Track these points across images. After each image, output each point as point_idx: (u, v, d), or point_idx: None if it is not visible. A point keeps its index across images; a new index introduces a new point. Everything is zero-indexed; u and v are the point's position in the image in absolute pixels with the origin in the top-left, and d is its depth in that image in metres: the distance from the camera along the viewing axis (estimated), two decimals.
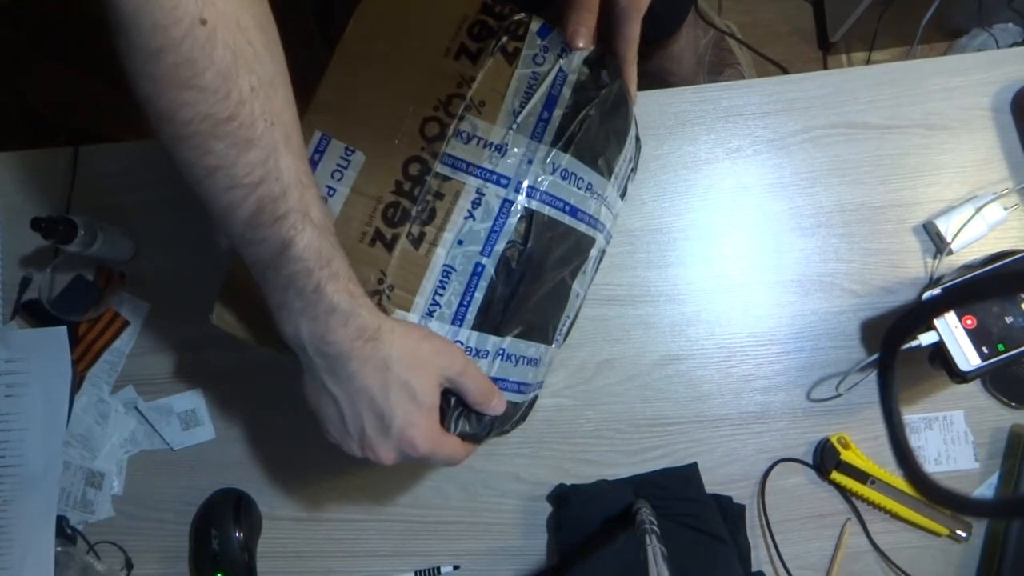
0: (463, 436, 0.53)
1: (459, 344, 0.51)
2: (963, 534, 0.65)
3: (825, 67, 1.43)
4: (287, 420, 0.70)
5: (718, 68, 1.28)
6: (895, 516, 0.65)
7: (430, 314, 0.51)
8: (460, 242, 0.51)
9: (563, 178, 0.52)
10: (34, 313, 0.73)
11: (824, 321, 0.69)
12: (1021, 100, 0.69)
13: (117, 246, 0.70)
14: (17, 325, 0.73)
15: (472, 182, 0.51)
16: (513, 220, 0.51)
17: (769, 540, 0.66)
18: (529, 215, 0.51)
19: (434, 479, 0.69)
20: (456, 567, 0.68)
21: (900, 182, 0.69)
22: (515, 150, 0.51)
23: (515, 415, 0.57)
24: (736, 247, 0.70)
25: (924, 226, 0.69)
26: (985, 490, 0.67)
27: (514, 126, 0.52)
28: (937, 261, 0.68)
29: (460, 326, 0.51)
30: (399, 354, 0.47)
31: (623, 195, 0.63)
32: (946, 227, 0.67)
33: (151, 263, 0.73)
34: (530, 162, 0.51)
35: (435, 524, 0.69)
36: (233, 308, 0.53)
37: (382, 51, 0.54)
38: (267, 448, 0.71)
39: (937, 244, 0.68)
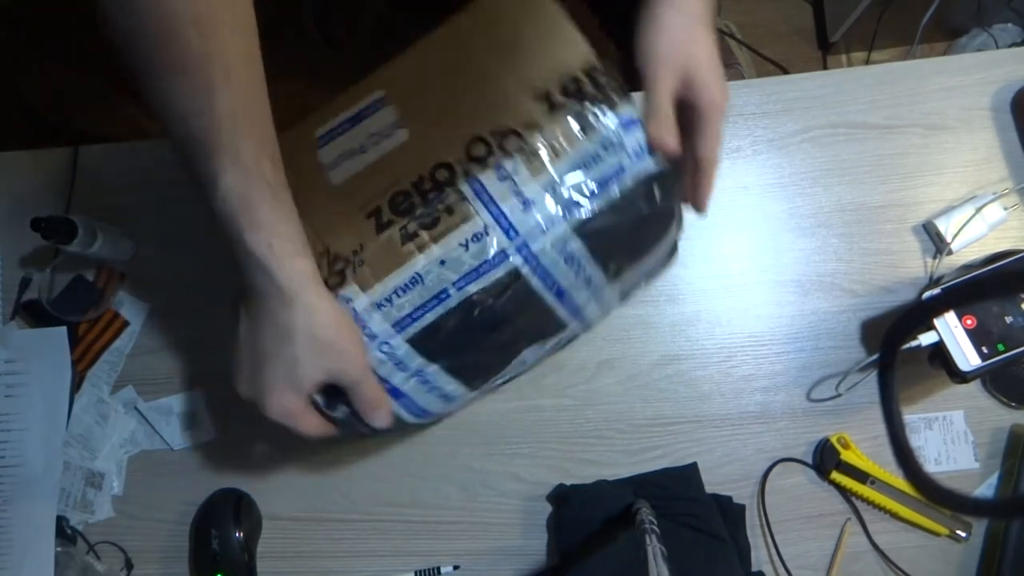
0: (335, 418, 0.52)
1: (387, 346, 0.51)
2: (963, 534, 0.65)
3: (825, 67, 1.43)
4: None
5: None
6: (895, 516, 0.65)
7: (379, 306, 0.50)
8: (442, 262, 0.49)
9: (566, 262, 0.51)
10: (34, 313, 0.73)
11: (824, 321, 0.69)
12: (1021, 100, 0.69)
13: (117, 246, 0.70)
14: (17, 325, 0.73)
15: (484, 217, 0.50)
16: (499, 272, 0.50)
17: (769, 540, 0.66)
18: (516, 277, 0.50)
19: (434, 479, 0.69)
20: (456, 567, 0.68)
21: (900, 182, 0.69)
22: (537, 214, 0.49)
23: (396, 430, 0.56)
24: (736, 247, 0.70)
25: (924, 226, 0.69)
26: (985, 490, 0.67)
27: (550, 191, 0.49)
28: (937, 261, 0.68)
29: (399, 333, 0.50)
30: (304, 334, 0.47)
31: (625, 298, 0.61)
32: (946, 227, 0.67)
33: (151, 263, 0.73)
34: (544, 232, 0.50)
35: (435, 524, 0.69)
36: None
37: (478, 53, 0.52)
38: (267, 448, 0.71)
39: (937, 244, 0.68)
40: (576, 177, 0.49)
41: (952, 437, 0.67)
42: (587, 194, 0.50)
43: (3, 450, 0.70)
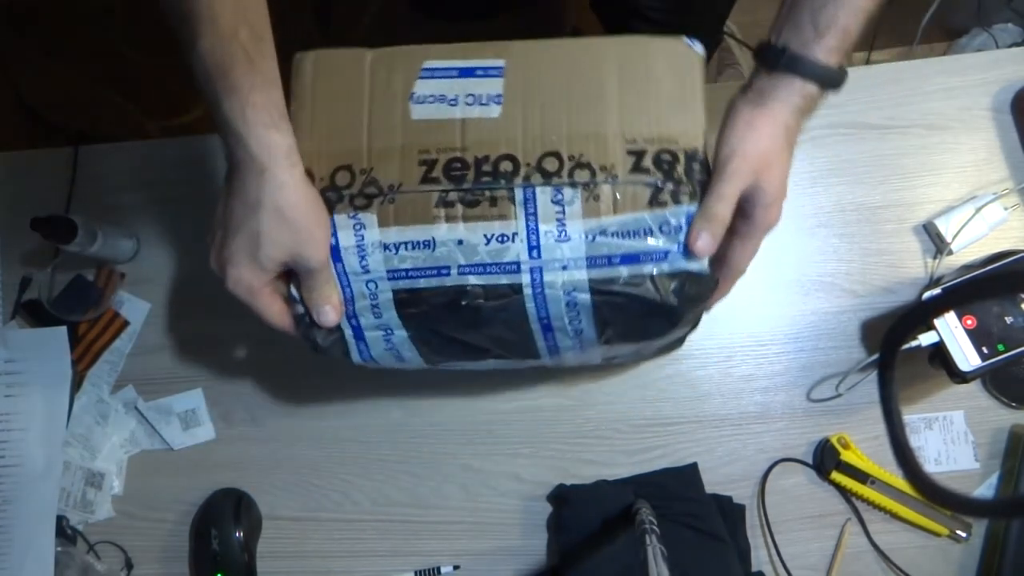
0: (297, 315, 0.53)
1: (374, 285, 0.51)
2: (963, 534, 0.65)
3: None
4: (287, 420, 0.70)
5: (718, 68, 1.28)
6: (895, 516, 0.65)
7: (385, 247, 0.50)
8: (460, 242, 0.50)
9: (567, 305, 0.50)
10: (34, 313, 0.73)
11: (824, 321, 0.68)
12: (1021, 100, 0.69)
13: (117, 246, 0.70)
14: (17, 325, 0.73)
15: (519, 225, 0.49)
16: (503, 279, 0.50)
17: (769, 540, 0.66)
18: (515, 291, 0.50)
19: (434, 479, 0.69)
20: (456, 567, 0.68)
21: (900, 182, 0.69)
22: (567, 250, 0.49)
23: (338, 355, 0.55)
24: None
25: (924, 226, 0.69)
26: (985, 490, 0.67)
27: (589, 238, 0.49)
28: (937, 261, 0.68)
29: (390, 280, 0.51)
30: (271, 209, 0.47)
31: (609, 362, 0.60)
32: (946, 227, 0.67)
33: (151, 263, 0.73)
34: (563, 268, 0.49)
35: (435, 524, 0.69)
36: None
37: (607, 78, 0.51)
38: (267, 448, 0.70)
39: (937, 244, 0.68)
40: (620, 239, 0.49)
41: (952, 437, 0.67)
42: (620, 260, 0.49)
43: (3, 450, 0.70)
